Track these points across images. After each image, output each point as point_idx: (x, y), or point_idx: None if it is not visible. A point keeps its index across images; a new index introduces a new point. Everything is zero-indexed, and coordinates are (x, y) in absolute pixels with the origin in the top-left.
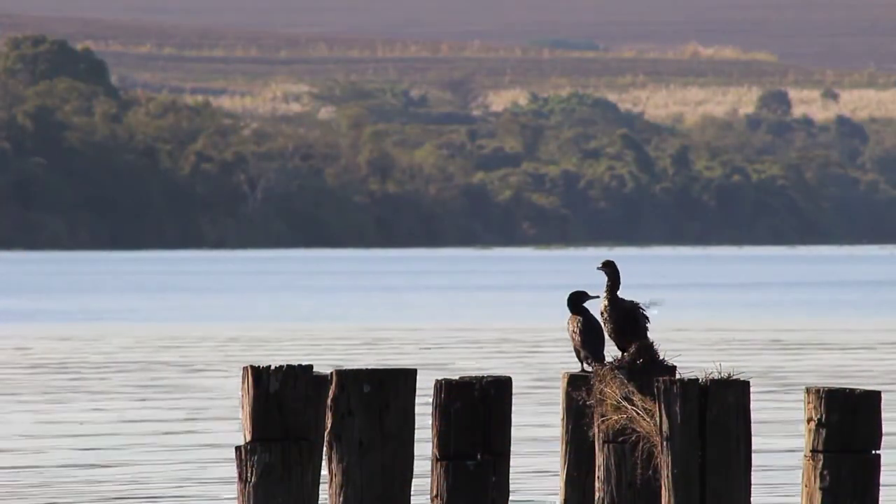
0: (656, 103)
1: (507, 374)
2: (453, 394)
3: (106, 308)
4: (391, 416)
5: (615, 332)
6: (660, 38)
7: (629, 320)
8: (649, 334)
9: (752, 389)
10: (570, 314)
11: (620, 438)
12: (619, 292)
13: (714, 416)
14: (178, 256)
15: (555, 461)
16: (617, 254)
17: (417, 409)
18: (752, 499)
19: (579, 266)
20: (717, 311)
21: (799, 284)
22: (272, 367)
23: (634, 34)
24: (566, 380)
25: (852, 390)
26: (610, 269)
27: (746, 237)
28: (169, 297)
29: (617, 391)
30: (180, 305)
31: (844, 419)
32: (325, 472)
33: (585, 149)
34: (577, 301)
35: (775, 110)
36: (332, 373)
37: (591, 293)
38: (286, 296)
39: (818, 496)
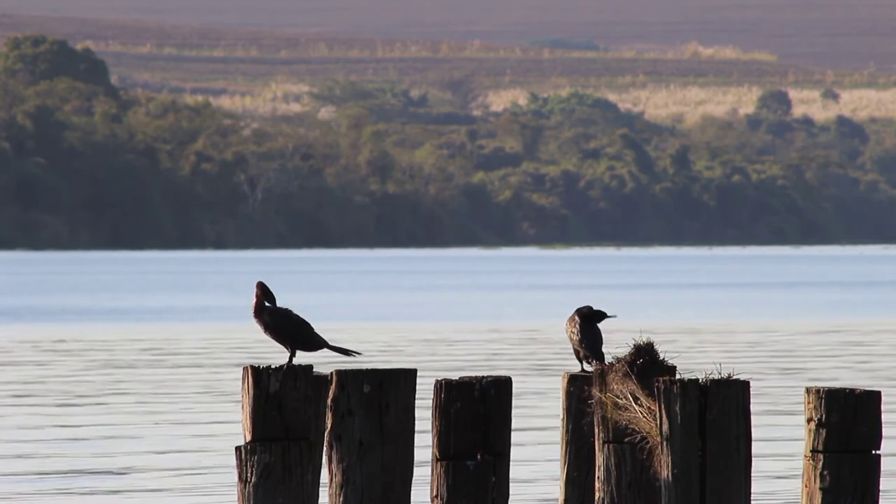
0: (656, 103)
1: (507, 374)
2: (453, 394)
3: (106, 308)
4: (391, 416)
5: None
6: (660, 38)
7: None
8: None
9: (752, 389)
10: (570, 314)
11: (625, 439)
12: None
13: (714, 416)
14: (178, 256)
15: (555, 461)
16: (617, 254)
17: (417, 409)
18: (751, 499)
19: (579, 266)
20: (718, 311)
21: (799, 284)
22: (272, 367)
23: (634, 34)
24: (566, 380)
25: (852, 390)
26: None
27: (747, 237)
28: (169, 297)
29: (625, 389)
30: (180, 305)
31: (844, 419)
32: (325, 472)
33: (585, 149)
34: (591, 317)
35: (775, 110)
36: (332, 373)
37: (608, 313)
38: (286, 296)
39: (818, 496)
